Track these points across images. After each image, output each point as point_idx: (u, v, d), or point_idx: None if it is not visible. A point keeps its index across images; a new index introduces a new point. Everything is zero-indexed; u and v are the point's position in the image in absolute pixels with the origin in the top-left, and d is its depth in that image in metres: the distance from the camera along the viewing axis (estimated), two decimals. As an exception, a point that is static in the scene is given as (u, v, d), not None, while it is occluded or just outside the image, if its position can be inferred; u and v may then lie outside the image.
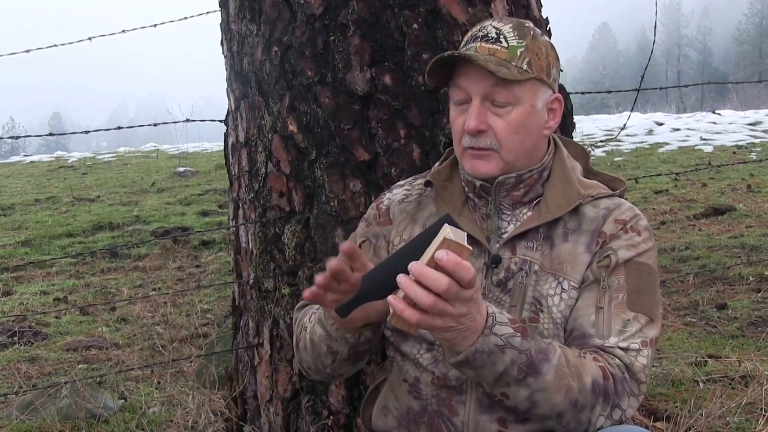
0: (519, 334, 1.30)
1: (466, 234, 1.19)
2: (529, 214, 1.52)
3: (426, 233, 1.20)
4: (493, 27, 1.48)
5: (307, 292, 1.34)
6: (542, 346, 1.33)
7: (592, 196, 1.52)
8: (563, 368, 1.33)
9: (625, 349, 1.40)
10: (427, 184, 1.63)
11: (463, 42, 1.51)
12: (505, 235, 1.52)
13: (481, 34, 1.47)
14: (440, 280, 1.15)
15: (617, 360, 1.39)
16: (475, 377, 1.33)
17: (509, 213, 1.53)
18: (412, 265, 1.16)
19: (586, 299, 1.45)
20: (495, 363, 1.29)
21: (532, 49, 1.47)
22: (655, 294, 1.47)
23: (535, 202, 1.53)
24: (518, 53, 1.45)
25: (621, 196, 1.57)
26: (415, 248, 1.20)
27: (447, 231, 1.16)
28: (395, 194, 1.67)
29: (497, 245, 1.51)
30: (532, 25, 1.51)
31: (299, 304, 1.68)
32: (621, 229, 1.48)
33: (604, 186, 1.57)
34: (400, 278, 1.18)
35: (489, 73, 1.42)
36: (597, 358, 1.38)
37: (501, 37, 1.46)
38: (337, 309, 1.30)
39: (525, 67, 1.45)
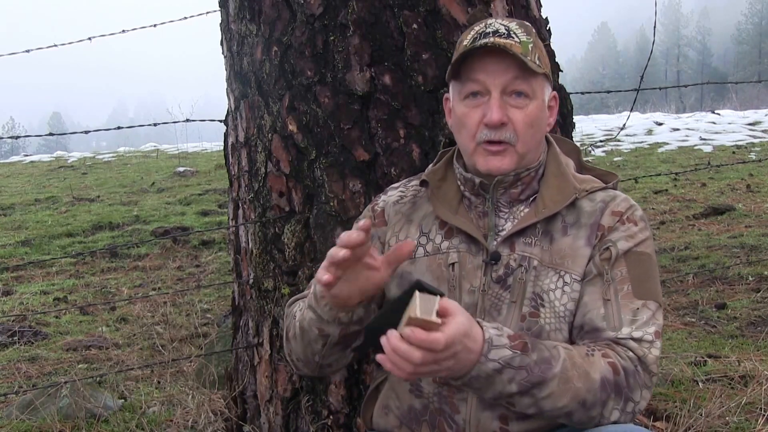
0: (519, 352, 1.31)
1: (438, 298, 1.21)
2: (526, 210, 1.54)
3: (402, 296, 1.23)
4: (501, 24, 1.50)
5: (327, 277, 1.33)
6: (545, 355, 1.34)
7: (586, 191, 1.54)
8: (568, 372, 1.34)
9: (639, 340, 1.41)
10: (423, 183, 1.63)
11: (469, 39, 1.50)
12: (504, 233, 1.53)
13: (490, 30, 1.48)
14: (413, 354, 1.19)
15: (630, 352, 1.40)
16: (477, 394, 1.36)
17: (506, 210, 1.55)
18: (387, 339, 1.21)
19: (592, 294, 1.46)
20: (493, 384, 1.31)
21: (537, 45, 1.51)
22: (657, 280, 1.50)
23: (531, 199, 1.55)
24: (529, 48, 1.48)
25: (614, 188, 1.60)
26: (398, 305, 1.23)
27: (416, 304, 1.19)
28: (390, 196, 1.68)
29: (495, 242, 1.52)
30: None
31: (290, 299, 1.68)
32: (618, 221, 1.51)
33: (597, 180, 1.59)
34: (380, 357, 1.22)
35: (510, 66, 1.45)
36: (607, 354, 1.39)
37: (511, 33, 1.48)
38: (356, 348, 1.36)
39: (537, 62, 1.48)
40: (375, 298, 1.48)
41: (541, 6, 2.31)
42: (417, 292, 1.20)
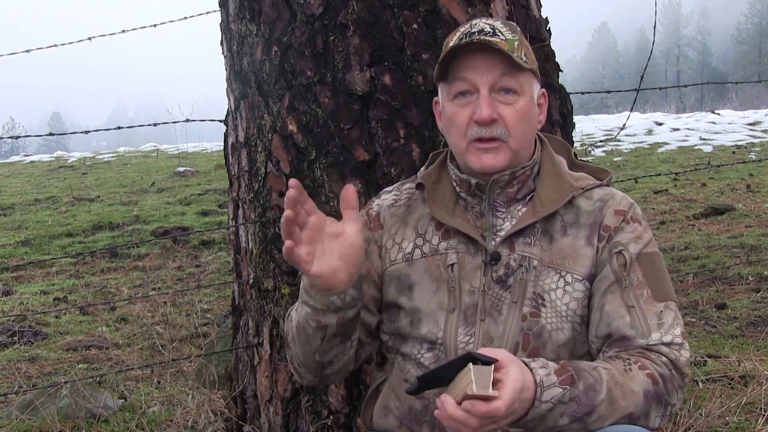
0: (567, 386, 1.31)
1: (491, 367, 1.22)
2: (524, 210, 1.54)
3: (455, 361, 1.26)
4: (486, 23, 1.50)
5: (285, 251, 1.31)
6: (590, 382, 1.34)
7: (582, 188, 1.54)
8: (612, 393, 1.34)
9: (669, 344, 1.43)
10: (419, 186, 1.63)
11: (455, 39, 1.51)
12: (502, 233, 1.53)
13: (476, 29, 1.49)
14: (470, 422, 1.22)
15: (663, 357, 1.42)
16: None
17: (504, 210, 1.55)
18: (442, 405, 1.23)
19: (613, 302, 1.46)
20: (546, 421, 1.31)
21: (523, 43, 1.52)
22: (669, 278, 1.51)
23: (528, 198, 1.55)
24: (515, 45, 1.48)
25: (608, 185, 1.60)
26: (451, 366, 1.26)
27: (471, 379, 1.21)
28: (384, 200, 1.68)
29: (494, 242, 1.52)
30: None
31: (289, 310, 1.68)
32: (623, 221, 1.51)
33: (591, 177, 1.59)
34: (438, 414, 1.25)
35: (497, 63, 1.45)
36: (644, 365, 1.39)
37: (497, 31, 1.49)
38: (408, 391, 1.35)
39: (524, 58, 1.49)
40: (361, 273, 1.44)
41: (541, 6, 2.32)
42: (471, 365, 1.22)
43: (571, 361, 1.39)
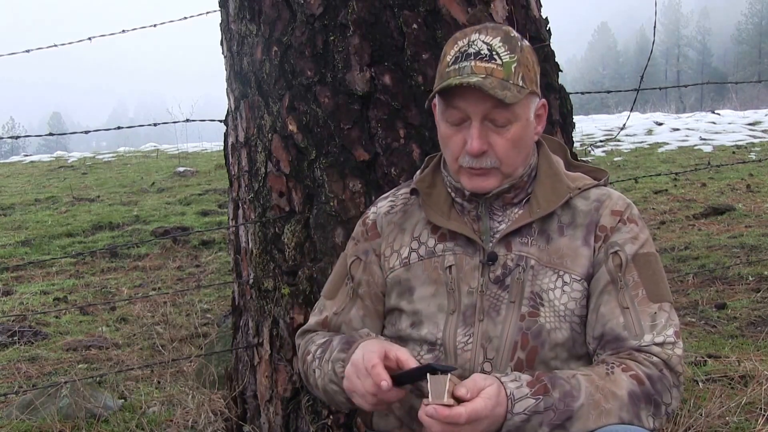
0: (541, 396, 1.32)
1: (448, 376, 1.27)
2: (521, 212, 1.54)
3: (416, 371, 1.35)
4: (484, 43, 1.46)
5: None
6: (566, 389, 1.34)
7: (579, 189, 1.55)
8: (593, 397, 1.34)
9: (661, 344, 1.43)
10: (413, 192, 1.64)
11: (451, 58, 1.48)
12: (498, 235, 1.53)
13: (472, 51, 1.46)
14: (433, 426, 1.28)
15: (654, 357, 1.42)
16: None
17: (501, 213, 1.55)
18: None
19: (609, 303, 1.47)
20: (525, 431, 1.32)
21: (522, 62, 1.47)
22: (665, 278, 1.52)
23: (525, 201, 1.55)
24: (513, 69, 1.45)
25: (605, 185, 1.60)
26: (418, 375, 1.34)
27: (428, 389, 1.28)
28: (380, 207, 1.68)
29: (491, 243, 1.53)
30: (515, 32, 1.52)
31: (300, 332, 1.70)
32: (619, 221, 1.51)
33: (588, 177, 1.60)
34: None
35: (490, 95, 1.42)
36: (627, 367, 1.39)
37: (493, 53, 1.45)
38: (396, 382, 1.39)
39: (521, 83, 1.46)
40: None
41: (541, 6, 2.32)
42: (429, 376, 1.27)
43: (547, 372, 1.40)
